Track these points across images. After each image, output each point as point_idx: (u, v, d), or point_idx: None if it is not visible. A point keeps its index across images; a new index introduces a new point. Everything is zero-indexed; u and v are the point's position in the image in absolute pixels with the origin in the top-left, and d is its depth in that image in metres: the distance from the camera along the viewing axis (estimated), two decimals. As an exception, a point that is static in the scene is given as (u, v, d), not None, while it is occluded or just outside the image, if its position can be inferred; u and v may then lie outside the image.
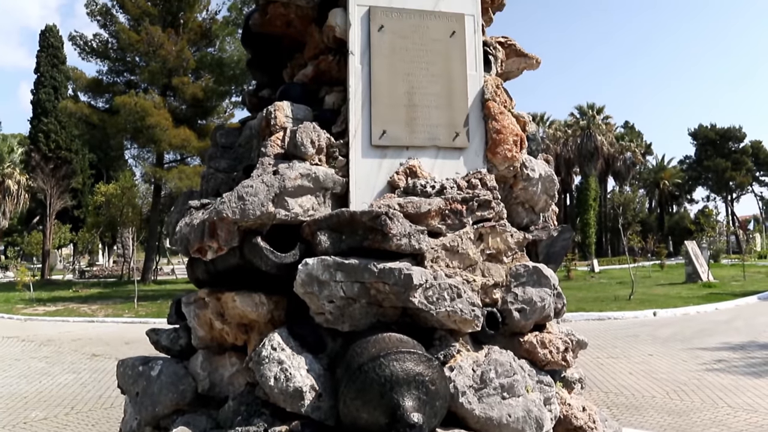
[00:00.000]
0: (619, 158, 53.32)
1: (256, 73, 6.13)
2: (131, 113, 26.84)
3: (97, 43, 31.65)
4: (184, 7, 29.62)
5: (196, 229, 4.31)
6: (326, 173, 4.39)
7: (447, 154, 4.72)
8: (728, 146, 66.12)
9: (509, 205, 5.05)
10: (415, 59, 4.72)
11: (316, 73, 5.03)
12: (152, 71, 28.64)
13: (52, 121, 46.80)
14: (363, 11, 4.71)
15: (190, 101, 28.77)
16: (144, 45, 28.18)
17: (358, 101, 4.58)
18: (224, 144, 5.44)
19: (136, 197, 35.90)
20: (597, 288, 25.74)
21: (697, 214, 54.16)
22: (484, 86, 4.88)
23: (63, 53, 48.80)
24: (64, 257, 62.35)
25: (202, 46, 30.32)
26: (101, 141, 35.98)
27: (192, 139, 26.62)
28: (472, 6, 4.99)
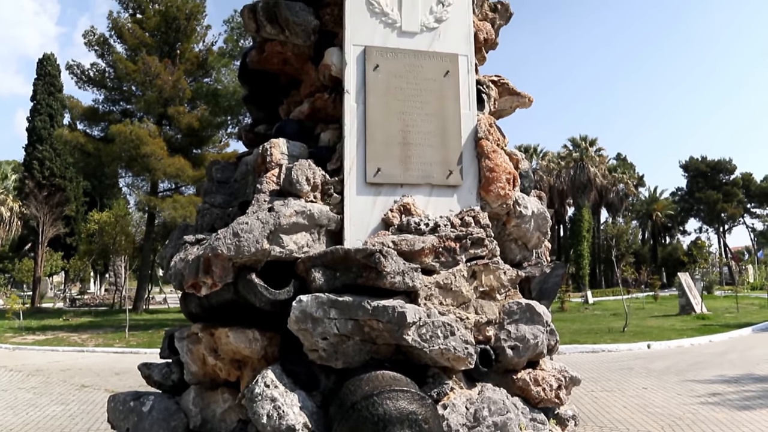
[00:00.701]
0: (612, 190, 53.69)
1: (252, 108, 6.21)
2: (126, 142, 26.88)
3: (94, 73, 31.84)
4: (181, 38, 29.91)
5: (191, 264, 4.33)
6: (321, 210, 4.42)
7: (441, 192, 4.78)
8: (719, 178, 66.68)
9: (502, 242, 5.09)
10: (409, 98, 4.80)
11: (311, 111, 5.10)
12: (148, 100, 28.78)
13: (47, 148, 46.84)
14: (359, 51, 4.80)
15: (185, 130, 28.88)
16: (141, 75, 28.37)
17: (353, 139, 4.64)
18: (220, 179, 5.48)
19: (130, 225, 35.76)
20: (591, 320, 25.70)
21: (690, 246, 54.37)
22: (477, 125, 4.96)
23: (60, 82, 49.06)
24: (55, 285, 61.84)
25: (199, 77, 30.54)
26: (96, 169, 35.95)
27: (187, 169, 26.66)
28: (465, 47, 5.09)
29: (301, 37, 5.01)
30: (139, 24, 30.27)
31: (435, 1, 5.07)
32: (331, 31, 5.07)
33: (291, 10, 4.97)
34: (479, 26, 5.51)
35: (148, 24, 30.11)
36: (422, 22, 4.99)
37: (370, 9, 4.88)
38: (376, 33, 4.86)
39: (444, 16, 5.06)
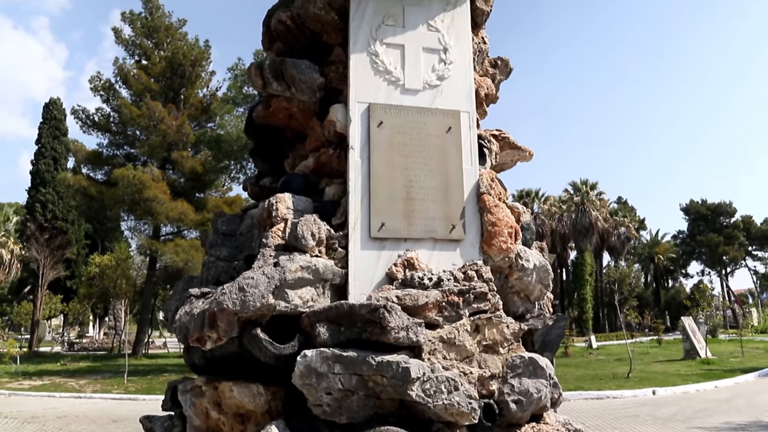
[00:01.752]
0: (614, 233, 53.75)
1: (258, 161, 6.32)
2: (129, 186, 27.09)
3: (99, 117, 32.28)
4: (186, 84, 30.46)
5: (196, 318, 4.36)
6: (326, 265, 4.48)
7: (444, 246, 4.84)
8: (720, 221, 66.87)
9: (505, 295, 5.13)
10: (412, 154, 4.90)
11: (316, 165, 5.20)
12: (152, 145, 29.13)
13: (50, 191, 47.13)
14: (363, 108, 4.93)
15: (188, 175, 29.16)
16: (145, 119, 28.78)
17: (357, 194, 4.73)
18: (225, 231, 5.55)
19: (131, 269, 35.74)
20: (595, 365, 25.43)
21: (693, 289, 54.12)
22: (479, 180, 5.06)
23: (65, 126, 49.67)
24: (53, 328, 61.39)
25: (202, 122, 31.00)
26: (98, 212, 36.12)
27: (189, 213, 26.82)
28: (467, 103, 5.22)
29: (306, 94, 5.15)
30: (145, 70, 30.85)
31: (437, 60, 5.23)
32: (336, 88, 5.21)
33: (297, 68, 5.12)
34: (480, 82, 5.66)
35: (154, 70, 30.68)
36: (425, 80, 5.13)
37: (374, 67, 5.03)
38: (380, 90, 5.00)
39: (446, 74, 5.20)
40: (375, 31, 5.11)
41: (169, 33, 31.20)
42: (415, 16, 5.26)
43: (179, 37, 31.40)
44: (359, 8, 5.13)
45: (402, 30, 5.20)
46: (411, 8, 5.28)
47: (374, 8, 5.17)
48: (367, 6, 5.15)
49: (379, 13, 5.17)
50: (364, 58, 5.02)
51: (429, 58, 5.21)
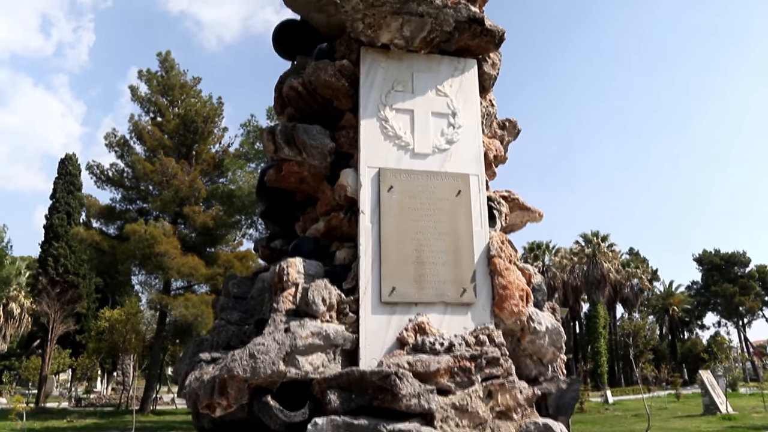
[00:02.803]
0: (626, 285, 53.14)
1: (269, 223, 6.37)
2: (141, 240, 27.27)
3: (113, 173, 32.78)
4: (199, 140, 30.97)
5: (206, 385, 4.32)
6: (337, 331, 4.46)
7: (455, 310, 4.81)
8: (734, 271, 66.06)
9: (517, 358, 5.06)
10: (422, 218, 4.93)
11: (327, 229, 5.24)
12: (164, 200, 29.44)
13: (63, 245, 47.49)
14: (373, 172, 4.99)
15: (199, 229, 29.33)
16: (158, 175, 29.18)
17: (368, 259, 4.74)
18: (236, 294, 5.55)
19: (140, 323, 35.59)
20: (612, 421, 24.77)
21: (710, 341, 53.07)
22: (489, 243, 5.06)
23: (79, 181, 50.40)
24: (61, 383, 60.82)
25: (214, 177, 31.38)
26: (109, 266, 36.23)
27: (200, 267, 26.86)
28: (476, 166, 5.28)
29: (317, 158, 5.23)
30: (159, 126, 31.45)
31: (446, 124, 5.32)
32: (346, 152, 5.29)
33: (308, 133, 5.22)
34: (488, 145, 5.74)
35: (167, 126, 31.28)
36: (434, 144, 5.21)
37: (384, 132, 5.12)
38: (390, 155, 5.08)
39: (455, 138, 5.28)
40: (385, 96, 5.22)
41: (184, 91, 31.94)
42: (424, 82, 5.38)
43: (193, 94, 32.12)
44: (369, 75, 5.26)
45: (411, 95, 5.31)
46: (420, 74, 5.40)
47: (384, 75, 5.29)
48: (376, 73, 5.28)
49: (388, 79, 5.30)
50: (374, 123, 5.12)
51: (438, 122, 5.30)
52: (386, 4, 5.08)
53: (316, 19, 5.92)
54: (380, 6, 5.09)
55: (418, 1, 5.15)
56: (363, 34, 5.23)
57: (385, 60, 5.34)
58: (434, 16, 5.22)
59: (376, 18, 5.13)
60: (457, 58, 5.58)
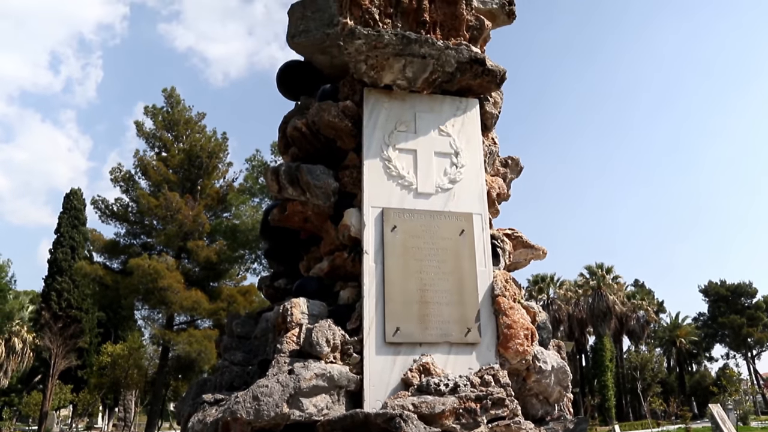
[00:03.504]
0: (632, 317, 52.64)
1: (272, 262, 6.38)
2: (144, 275, 27.28)
3: (118, 207, 32.93)
4: (203, 175, 31.20)
5: (209, 427, 4.28)
6: (341, 372, 4.43)
7: (459, 350, 4.78)
8: (741, 302, 65.48)
9: (523, 397, 5.01)
10: (426, 257, 4.94)
11: (331, 268, 5.24)
12: (168, 234, 29.52)
13: (66, 280, 47.41)
14: (377, 212, 5.01)
15: (203, 264, 29.35)
16: (162, 209, 29.31)
17: (372, 299, 4.73)
18: (240, 333, 5.53)
19: (143, 359, 35.36)
20: (620, 458, 24.31)
21: (718, 373, 52.37)
22: (493, 282, 5.06)
23: (84, 215, 50.55)
24: (61, 419, 60.11)
25: (218, 211, 31.52)
26: (112, 301, 36.17)
27: (203, 302, 26.81)
28: (479, 205, 5.30)
29: (321, 198, 5.26)
30: (164, 161, 31.70)
31: (449, 163, 5.36)
32: (350, 191, 5.32)
33: (312, 174, 5.26)
34: (491, 183, 5.77)
35: (172, 161, 31.52)
36: (437, 184, 5.24)
37: (388, 172, 5.16)
38: (393, 195, 5.10)
39: (458, 177, 5.32)
40: (388, 137, 5.27)
41: (189, 126, 32.27)
42: (426, 122, 5.44)
43: (198, 129, 32.45)
44: (372, 115, 5.32)
45: (414, 135, 5.36)
46: (422, 114, 5.46)
47: (387, 115, 5.36)
48: (379, 113, 5.34)
49: (391, 119, 5.36)
50: (377, 163, 5.16)
51: (441, 162, 5.34)
52: (389, 46, 5.17)
53: (320, 60, 6.02)
54: (383, 48, 5.17)
55: (420, 43, 5.23)
56: (366, 75, 5.31)
57: (388, 100, 5.41)
58: (436, 58, 5.30)
59: (379, 59, 5.21)
60: (459, 98, 5.65)
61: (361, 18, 5.67)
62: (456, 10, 5.99)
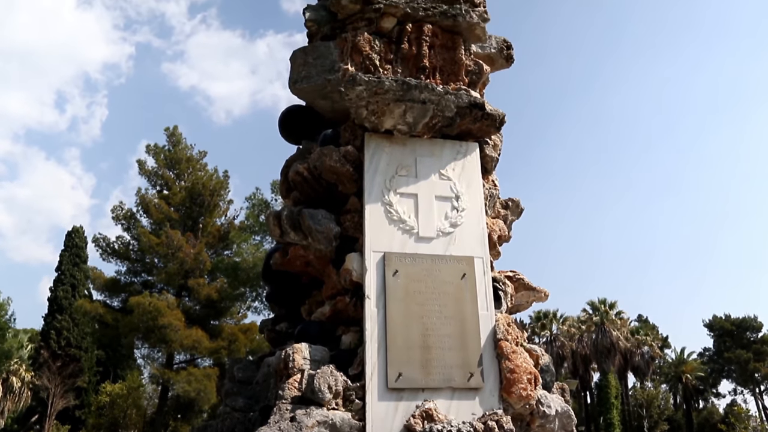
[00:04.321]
0: (637, 353, 52.06)
1: (274, 306, 6.37)
2: (145, 313, 27.18)
3: (119, 245, 32.96)
4: (204, 213, 31.30)
5: (210, 477, 4.23)
6: (343, 419, 4.39)
7: (462, 395, 4.75)
8: (746, 336, 64.81)
9: (528, 443, 4.95)
10: (428, 302, 4.94)
11: (333, 313, 5.23)
12: (169, 272, 29.48)
13: (66, 318, 47.14)
14: (378, 257, 5.03)
15: (204, 302, 29.24)
16: (163, 247, 29.33)
17: (374, 344, 4.72)
18: (241, 378, 5.49)
19: (142, 398, 34.93)
20: (627, 499, 23.82)
21: (726, 410, 51.57)
22: (495, 326, 5.05)
23: (85, 253, 50.49)
24: (58, 461, 59.03)
25: (219, 249, 31.53)
26: (112, 339, 35.96)
27: (204, 340, 26.63)
28: (480, 249, 5.32)
29: (323, 243, 5.28)
30: (165, 200, 31.84)
31: (450, 207, 5.39)
32: (351, 236, 5.34)
33: (314, 218, 5.29)
34: (492, 226, 5.79)
35: (174, 199, 31.66)
36: (438, 228, 5.27)
37: (389, 217, 5.19)
38: (395, 239, 5.13)
39: (459, 221, 5.35)
40: (389, 181, 5.32)
41: (190, 164, 32.52)
42: (427, 166, 5.49)
43: (199, 167, 32.68)
44: (373, 160, 5.38)
45: (415, 180, 5.41)
46: (423, 158, 5.52)
47: (388, 160, 5.42)
48: (380, 158, 5.40)
49: (392, 164, 5.41)
50: (378, 208, 5.20)
51: (442, 206, 5.38)
52: (389, 92, 5.26)
53: (321, 105, 6.11)
54: (383, 94, 5.26)
55: (420, 89, 5.32)
56: (367, 120, 5.39)
57: (389, 145, 5.48)
58: (436, 103, 5.38)
59: (380, 105, 5.30)
60: (459, 142, 5.72)
61: (362, 64, 5.79)
62: (455, 55, 6.11)
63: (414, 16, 6.08)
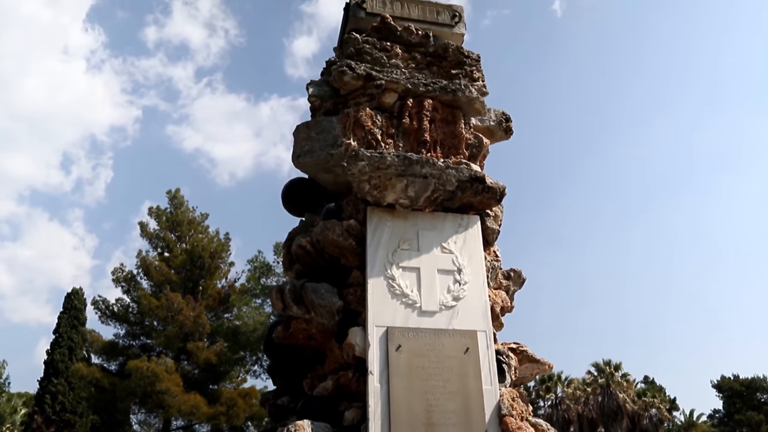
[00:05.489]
0: (645, 416, 50.80)
1: (276, 379, 6.29)
2: (142, 378, 26.77)
3: (118, 308, 32.78)
4: (205, 275, 31.18)
5: None
6: (346, 501, 4.28)
7: (468, 474, 4.64)
8: (756, 397, 63.47)
9: None
10: (431, 377, 4.90)
11: (335, 387, 5.17)
12: (168, 335, 29.18)
13: (62, 381, 46.29)
14: (381, 332, 5.02)
15: (203, 365, 28.78)
16: (163, 310, 29.13)
17: (377, 421, 4.65)
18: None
19: (137, 466, 33.96)
20: None
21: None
22: (500, 401, 4.98)
23: (84, 315, 50.00)
24: None
25: (219, 312, 31.25)
26: (108, 404, 35.24)
27: (202, 405, 26.06)
28: (483, 322, 5.31)
29: (325, 317, 5.27)
30: (166, 262, 31.83)
31: (452, 281, 5.41)
32: (354, 309, 5.34)
33: (316, 293, 5.30)
34: (494, 298, 5.79)
35: (174, 262, 31.65)
36: (441, 302, 5.27)
37: (392, 291, 5.20)
38: (398, 314, 5.12)
39: (461, 295, 5.35)
40: (391, 255, 5.35)
41: (192, 227, 32.67)
42: (429, 240, 5.54)
43: (201, 230, 32.81)
44: (375, 234, 5.43)
45: (417, 253, 5.45)
46: (425, 232, 5.57)
47: (390, 234, 5.46)
48: (383, 232, 5.45)
49: (394, 238, 5.46)
50: (381, 282, 5.21)
51: (444, 279, 5.39)
52: (391, 167, 5.35)
53: (324, 178, 6.22)
54: (385, 169, 5.35)
55: (421, 164, 5.42)
56: (369, 194, 5.47)
57: (391, 219, 5.54)
58: (437, 177, 5.47)
59: (382, 180, 5.38)
60: (461, 215, 5.78)
61: (364, 138, 5.93)
62: (455, 129, 6.26)
63: (415, 92, 6.27)
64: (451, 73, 6.67)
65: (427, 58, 6.77)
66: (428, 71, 6.68)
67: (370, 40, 6.57)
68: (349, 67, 6.15)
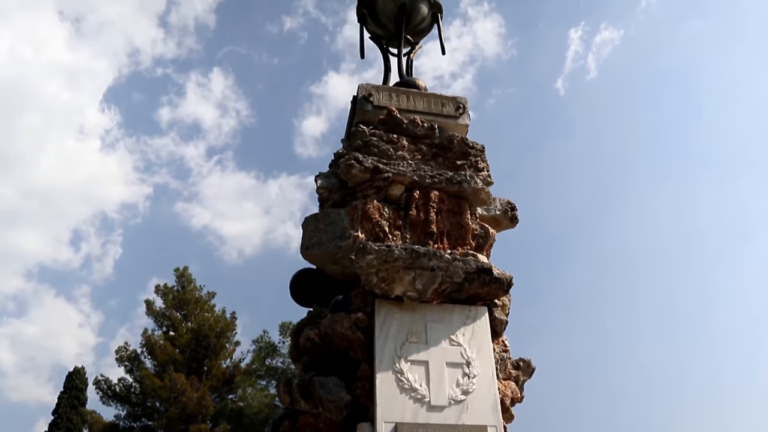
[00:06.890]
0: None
1: (282, 475, 6.15)
2: (143, 461, 26.02)
3: (120, 388, 32.26)
4: (210, 355, 30.87)
5: None
6: None
7: None
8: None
9: None
10: (442, 475, 4.78)
11: (344, 488, 5.06)
12: (170, 417, 28.57)
13: (60, 465, 44.89)
14: (390, 427, 4.94)
15: (205, 449, 28.13)
16: (166, 391, 28.66)
17: None
18: None
19: None
20: None
21: None
22: (513, 501, 4.84)
23: (85, 395, 49.06)
24: None
25: (224, 393, 30.76)
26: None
27: (203, 495, 25.34)
28: (493, 417, 5.23)
29: (333, 412, 5.21)
30: (171, 341, 31.59)
31: (461, 374, 5.36)
32: (363, 404, 5.28)
33: (324, 387, 5.26)
34: (504, 390, 5.72)
35: (180, 341, 31.40)
36: (450, 396, 5.21)
37: (400, 386, 5.16)
38: (406, 409, 5.06)
39: (470, 388, 5.29)
40: (399, 348, 5.34)
41: (198, 305, 32.61)
42: (437, 332, 5.53)
43: (207, 309, 32.73)
44: (384, 327, 5.44)
45: (425, 346, 5.43)
46: (433, 324, 5.57)
47: (398, 327, 5.47)
48: (391, 325, 5.46)
49: (402, 330, 5.46)
50: (389, 376, 5.18)
51: (453, 372, 5.35)
52: (398, 260, 5.42)
53: (332, 269, 6.28)
54: (393, 262, 5.42)
55: (428, 257, 5.49)
56: (377, 287, 5.51)
57: (399, 311, 5.56)
58: (444, 269, 5.53)
59: (390, 272, 5.44)
60: (468, 307, 5.80)
61: (372, 231, 6.03)
62: (462, 220, 6.37)
63: (421, 183, 6.41)
64: (457, 164, 6.84)
65: (433, 150, 6.95)
66: (434, 162, 6.85)
67: (377, 133, 6.77)
68: (357, 160, 6.33)
